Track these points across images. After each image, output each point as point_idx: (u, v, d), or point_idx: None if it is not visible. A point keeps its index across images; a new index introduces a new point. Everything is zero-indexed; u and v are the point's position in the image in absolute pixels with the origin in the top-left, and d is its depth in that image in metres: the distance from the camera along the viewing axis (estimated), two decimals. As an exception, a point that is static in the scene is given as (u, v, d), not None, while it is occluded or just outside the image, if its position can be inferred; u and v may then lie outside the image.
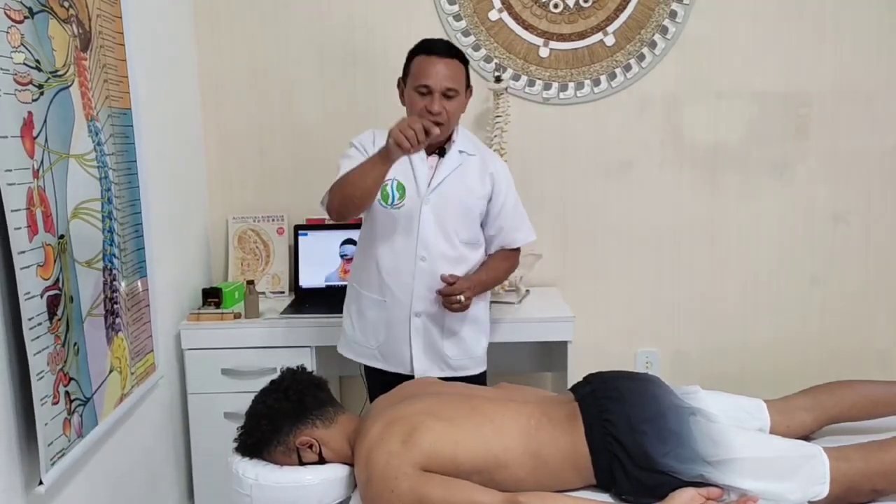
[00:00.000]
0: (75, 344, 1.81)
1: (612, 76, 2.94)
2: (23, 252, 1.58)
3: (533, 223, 2.33)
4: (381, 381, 2.25)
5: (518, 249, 2.34)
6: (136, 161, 2.24)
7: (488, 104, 2.86)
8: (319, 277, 2.93)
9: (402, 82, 2.20)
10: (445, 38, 2.39)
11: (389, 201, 2.19)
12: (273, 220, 3.01)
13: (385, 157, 2.01)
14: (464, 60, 2.17)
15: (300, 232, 2.95)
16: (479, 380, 2.28)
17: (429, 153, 2.22)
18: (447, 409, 1.75)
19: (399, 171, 2.18)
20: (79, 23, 1.90)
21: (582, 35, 2.93)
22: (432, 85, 2.09)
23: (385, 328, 2.24)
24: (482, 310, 2.31)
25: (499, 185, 2.24)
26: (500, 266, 2.30)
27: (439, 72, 2.10)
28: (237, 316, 2.64)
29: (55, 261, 1.72)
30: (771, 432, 1.85)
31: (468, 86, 2.21)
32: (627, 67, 2.94)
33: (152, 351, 2.35)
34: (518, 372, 2.97)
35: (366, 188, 2.05)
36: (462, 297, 2.12)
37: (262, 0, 2.92)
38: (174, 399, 2.61)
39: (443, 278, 2.13)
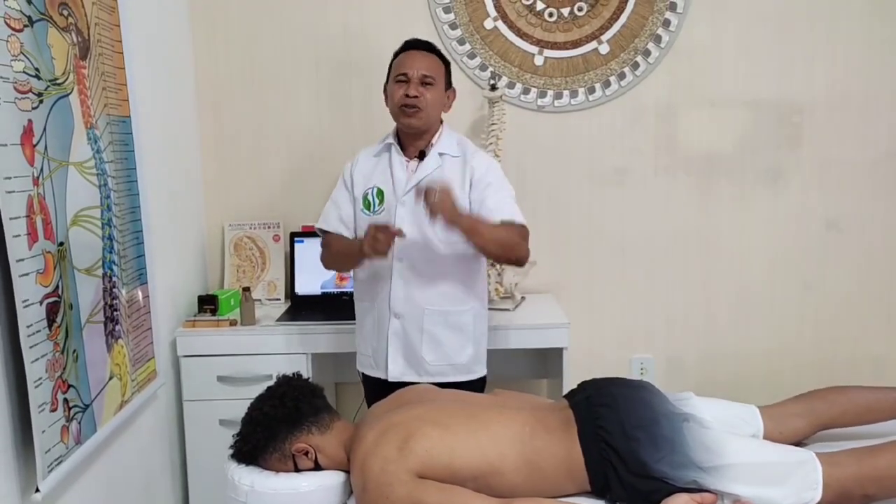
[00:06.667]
0: (74, 351, 1.82)
1: (607, 84, 2.96)
2: (21, 259, 1.59)
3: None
4: (376, 388, 2.25)
5: (524, 229, 2.17)
6: (135, 168, 2.25)
7: (483, 112, 2.87)
8: (315, 284, 2.94)
9: (386, 84, 2.26)
10: (441, 46, 2.42)
11: (371, 209, 2.24)
12: (269, 227, 3.01)
13: (359, 250, 2.10)
14: (443, 60, 2.25)
15: (296, 239, 2.96)
16: (477, 386, 2.28)
17: (409, 157, 2.25)
18: (443, 415, 1.76)
19: (378, 177, 2.24)
20: (78, 31, 1.91)
21: (576, 43, 2.95)
22: (409, 73, 2.16)
23: (376, 334, 2.26)
24: (468, 317, 2.25)
25: (476, 175, 2.20)
26: (498, 225, 2.11)
27: (416, 61, 2.18)
28: (233, 323, 2.64)
29: (55, 268, 1.73)
30: (764, 438, 1.87)
31: (449, 85, 2.26)
32: (622, 76, 2.96)
33: (153, 358, 2.36)
34: (514, 378, 2.98)
35: (349, 267, 2.38)
36: (437, 194, 1.93)
37: (259, 8, 2.93)
38: (170, 406, 2.61)
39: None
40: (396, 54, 2.25)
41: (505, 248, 2.12)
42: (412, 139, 2.24)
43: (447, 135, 2.27)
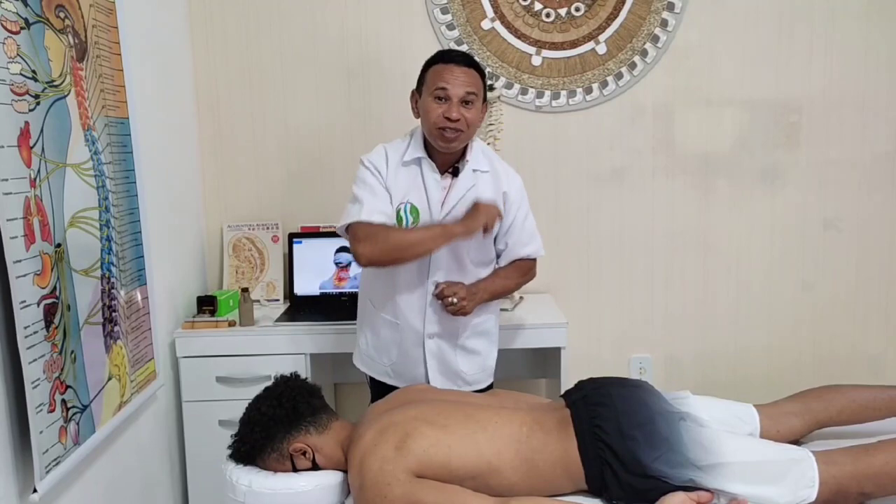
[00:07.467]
0: (72, 352, 1.82)
1: (604, 84, 2.97)
2: (19, 261, 1.60)
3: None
4: (386, 392, 2.23)
5: (533, 262, 2.29)
6: (133, 170, 2.25)
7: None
8: (314, 285, 2.95)
9: (417, 94, 2.13)
10: (439, 47, 2.42)
11: (403, 224, 2.12)
12: (268, 227, 3.02)
13: (456, 236, 2.02)
14: (481, 72, 2.11)
15: (295, 240, 2.96)
16: (485, 388, 2.29)
17: (442, 172, 2.15)
18: (441, 415, 1.76)
19: (412, 193, 2.13)
20: (75, 33, 1.91)
21: (574, 44, 2.96)
22: (450, 89, 2.02)
23: (397, 349, 2.21)
24: (492, 321, 2.29)
25: (510, 203, 2.19)
26: (510, 275, 2.25)
27: (458, 77, 2.03)
28: (232, 324, 2.65)
29: (52, 269, 1.73)
30: (761, 437, 1.87)
31: (484, 98, 2.14)
32: (619, 76, 2.96)
33: (153, 359, 2.36)
34: (512, 378, 2.98)
35: (420, 255, 2.05)
36: (455, 299, 2.08)
37: (258, 10, 2.94)
38: (169, 407, 2.62)
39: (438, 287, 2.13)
40: (431, 63, 2.10)
41: (515, 289, 2.37)
42: (444, 154, 2.14)
43: (476, 145, 2.20)
